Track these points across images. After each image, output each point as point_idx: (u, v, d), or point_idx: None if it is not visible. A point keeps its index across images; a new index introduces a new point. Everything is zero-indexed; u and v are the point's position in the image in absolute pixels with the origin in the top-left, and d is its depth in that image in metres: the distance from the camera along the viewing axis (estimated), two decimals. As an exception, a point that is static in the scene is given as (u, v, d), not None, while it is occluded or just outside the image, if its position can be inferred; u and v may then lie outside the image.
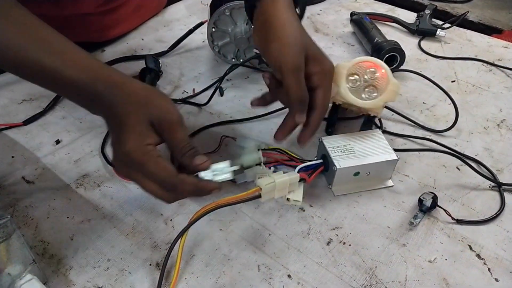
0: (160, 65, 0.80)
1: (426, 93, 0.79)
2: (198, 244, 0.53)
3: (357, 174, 0.58)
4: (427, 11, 0.99)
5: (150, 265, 0.50)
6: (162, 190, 0.47)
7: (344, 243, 0.53)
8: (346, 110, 0.65)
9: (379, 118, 0.71)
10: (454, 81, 0.83)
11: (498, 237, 0.54)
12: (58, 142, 0.66)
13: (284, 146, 0.65)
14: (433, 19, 0.99)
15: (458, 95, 0.78)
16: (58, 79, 0.46)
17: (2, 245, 0.41)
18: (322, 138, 0.60)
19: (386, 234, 0.54)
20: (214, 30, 0.80)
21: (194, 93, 0.77)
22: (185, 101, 0.75)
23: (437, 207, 0.56)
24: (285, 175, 0.51)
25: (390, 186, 0.60)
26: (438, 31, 0.94)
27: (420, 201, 0.56)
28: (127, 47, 0.89)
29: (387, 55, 0.80)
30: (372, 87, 0.60)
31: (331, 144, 0.59)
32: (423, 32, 0.95)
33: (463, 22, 1.02)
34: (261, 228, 0.55)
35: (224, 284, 0.49)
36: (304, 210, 0.57)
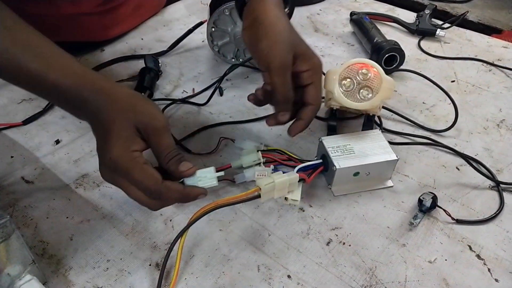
0: (159, 64, 0.80)
1: (425, 93, 0.79)
2: (197, 244, 0.52)
3: (356, 174, 0.58)
4: (427, 11, 0.99)
5: (150, 265, 0.50)
6: (147, 197, 0.47)
7: (343, 243, 0.53)
8: (345, 112, 0.65)
9: (379, 116, 0.71)
10: (453, 81, 0.83)
11: (498, 237, 0.54)
12: (58, 142, 0.66)
13: (283, 146, 0.65)
14: (432, 19, 0.99)
15: (457, 95, 0.78)
16: (43, 83, 0.46)
17: (2, 245, 0.40)
18: (321, 138, 0.59)
19: (386, 235, 0.54)
20: (213, 29, 0.80)
21: (193, 93, 0.77)
22: (184, 101, 0.75)
23: (436, 207, 0.56)
24: (284, 175, 0.51)
25: (390, 186, 0.60)
26: (438, 31, 0.94)
27: (420, 201, 0.56)
28: (127, 47, 0.89)
29: (387, 55, 0.80)
30: (366, 88, 0.60)
31: (331, 144, 0.58)
32: (423, 32, 0.95)
33: (463, 22, 1.02)
34: (260, 228, 0.55)
35: (223, 284, 0.49)
36: (303, 210, 0.57)
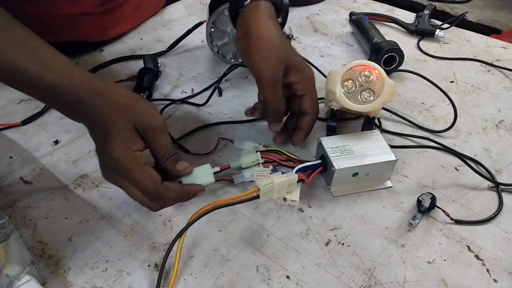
0: (158, 65, 0.80)
1: (424, 93, 0.79)
2: (196, 244, 0.52)
3: (355, 174, 0.58)
4: (426, 11, 0.99)
5: (149, 266, 0.50)
6: (147, 198, 0.47)
7: (342, 244, 0.53)
8: (345, 113, 0.65)
9: (378, 118, 0.71)
10: (452, 81, 0.83)
11: (497, 237, 0.54)
12: (57, 142, 0.66)
13: (282, 147, 0.65)
14: (432, 20, 0.99)
15: (456, 96, 0.78)
16: (40, 85, 0.46)
17: (0, 246, 0.40)
18: (320, 139, 0.59)
19: (385, 235, 0.54)
20: (213, 30, 0.80)
21: (192, 93, 0.77)
22: (183, 101, 0.75)
23: (435, 208, 0.56)
24: (283, 176, 0.51)
25: (389, 187, 0.60)
26: (437, 32, 0.94)
27: (418, 201, 0.56)
28: (126, 47, 0.89)
29: (386, 56, 0.80)
30: (368, 90, 0.60)
31: (330, 144, 0.58)
32: (422, 32, 0.95)
33: (462, 23, 1.02)
34: (259, 228, 0.55)
35: (222, 285, 0.48)
36: (302, 211, 0.57)
